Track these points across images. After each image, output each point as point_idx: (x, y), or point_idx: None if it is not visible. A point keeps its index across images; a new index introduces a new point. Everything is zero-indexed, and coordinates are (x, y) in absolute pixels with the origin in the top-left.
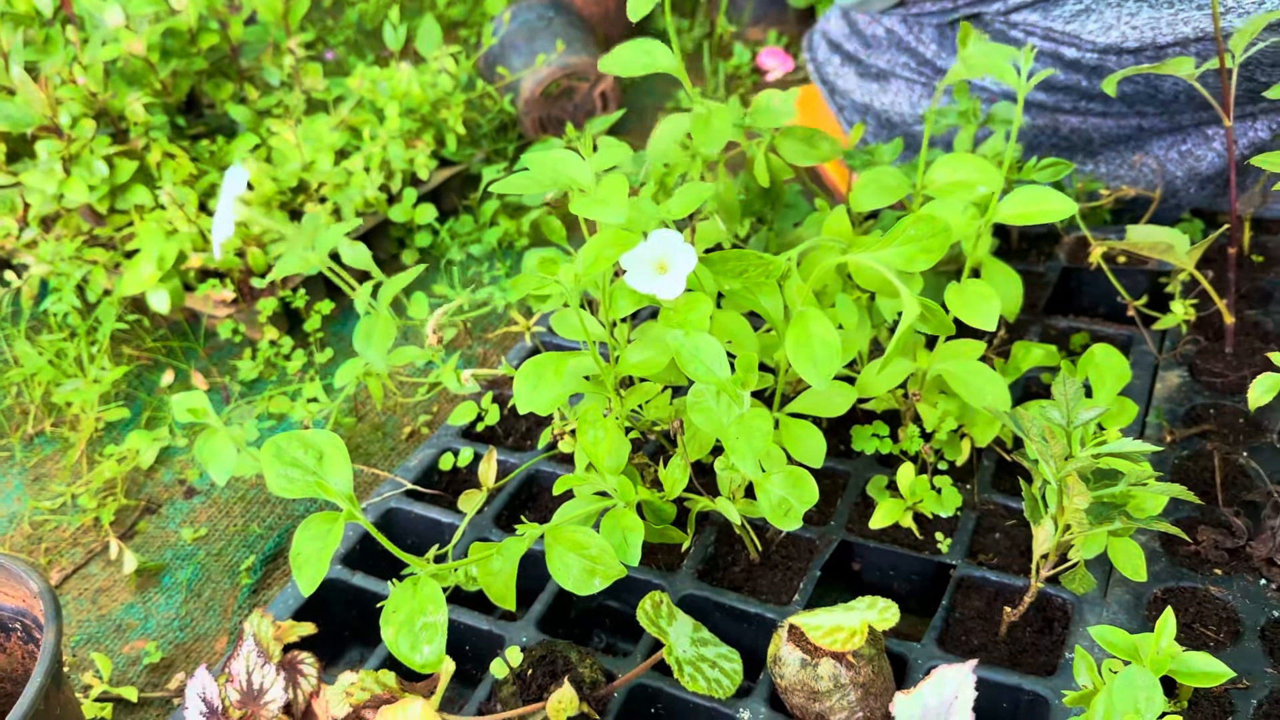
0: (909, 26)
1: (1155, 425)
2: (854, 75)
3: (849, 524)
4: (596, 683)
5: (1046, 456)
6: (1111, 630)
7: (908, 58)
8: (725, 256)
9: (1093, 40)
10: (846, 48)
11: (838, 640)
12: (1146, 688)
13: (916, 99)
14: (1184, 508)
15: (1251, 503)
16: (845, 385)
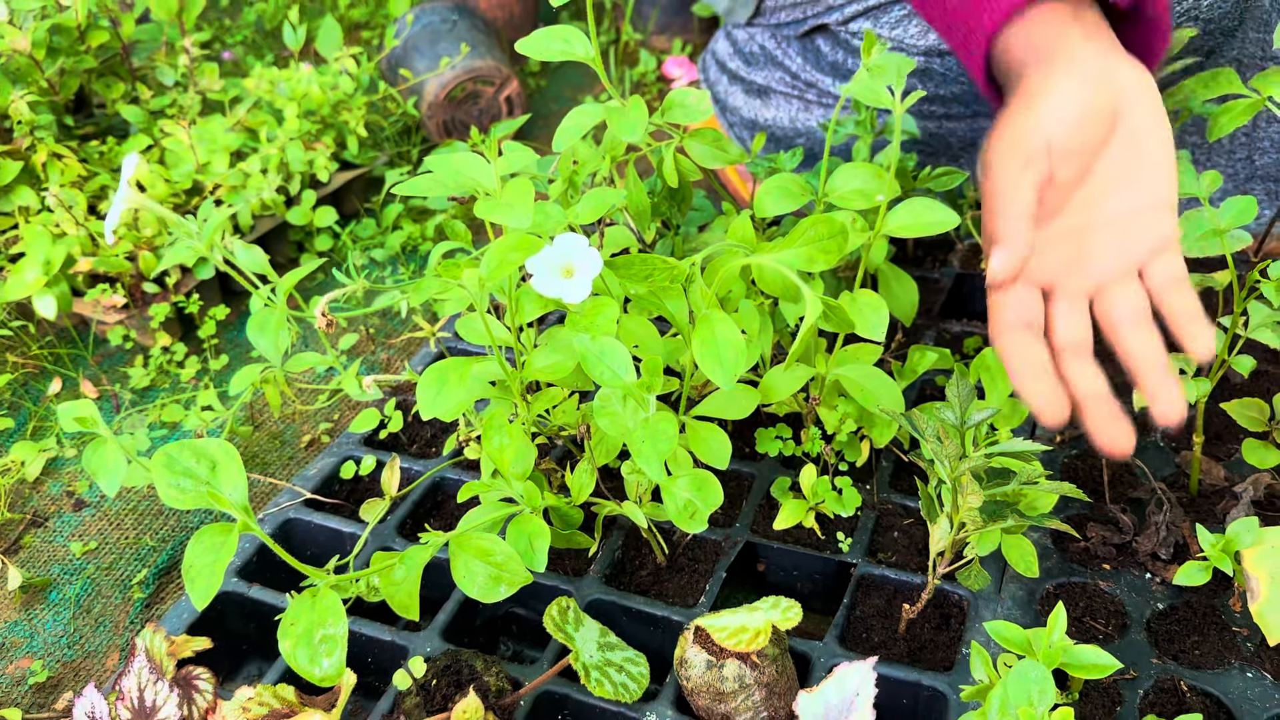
0: (777, 42)
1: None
2: (740, 93)
3: (754, 525)
4: (502, 691)
5: (941, 456)
6: (1006, 625)
7: (781, 73)
8: (631, 261)
9: (914, 44)
10: (730, 66)
11: (742, 641)
12: (1039, 681)
13: (795, 113)
14: (1074, 505)
15: (1137, 500)
16: (749, 388)
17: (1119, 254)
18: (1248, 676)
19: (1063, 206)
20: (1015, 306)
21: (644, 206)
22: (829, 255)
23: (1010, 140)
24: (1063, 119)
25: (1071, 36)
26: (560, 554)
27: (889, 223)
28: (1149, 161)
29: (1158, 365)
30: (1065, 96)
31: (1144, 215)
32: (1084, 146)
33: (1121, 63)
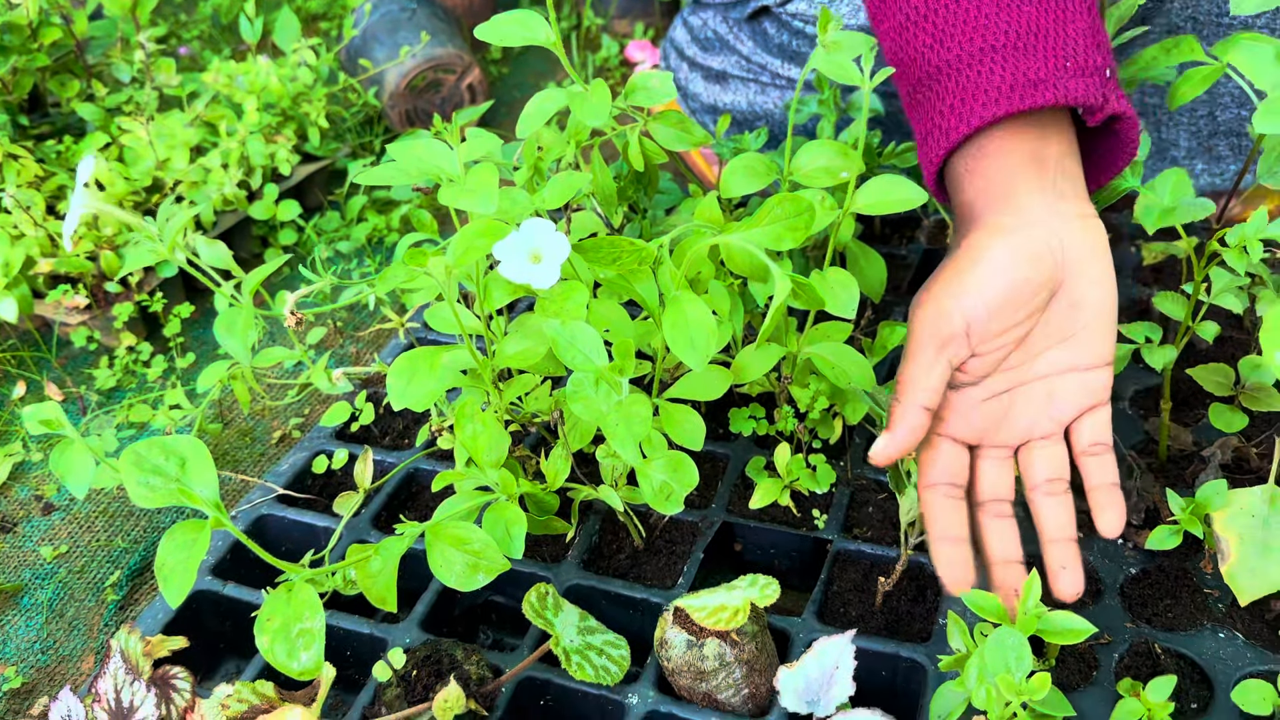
0: (728, 26)
1: None
2: (700, 79)
3: (730, 506)
4: (483, 679)
5: None
6: (981, 594)
7: (735, 57)
8: (598, 244)
9: (846, 23)
10: (688, 53)
11: (721, 619)
12: (1016, 648)
13: (752, 96)
14: None
15: None
16: (722, 369)
17: (1046, 413)
18: (1220, 637)
19: (993, 369)
20: (941, 464)
21: (610, 191)
22: (797, 233)
23: (934, 314)
24: (987, 302)
25: (1025, 184)
26: (537, 540)
27: (857, 200)
28: (1088, 323)
29: (1064, 540)
30: (995, 275)
31: (1076, 374)
32: (1011, 324)
33: (1071, 221)
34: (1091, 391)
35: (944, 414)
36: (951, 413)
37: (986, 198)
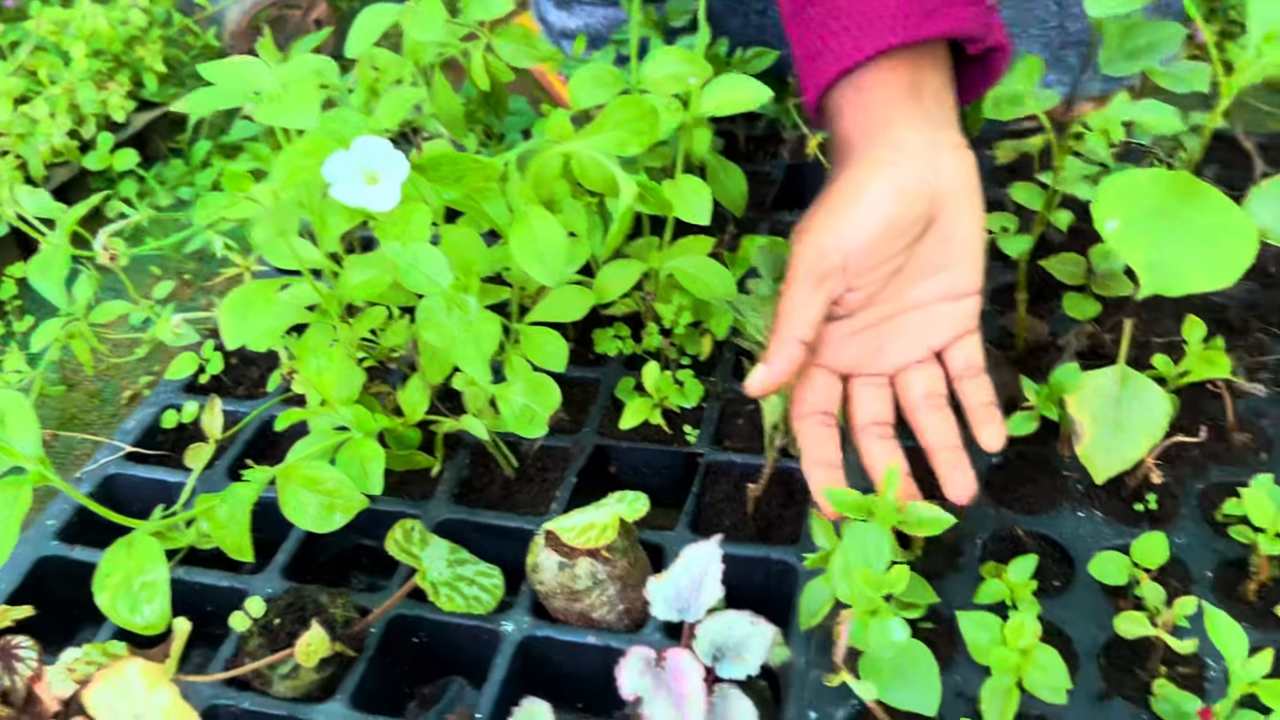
0: None
1: None
2: (552, 6)
3: (601, 429)
4: (350, 621)
5: (759, 329)
6: (843, 491)
7: None
8: (439, 160)
9: None
10: None
11: (591, 538)
12: (876, 541)
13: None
14: None
15: None
16: (583, 289)
17: (919, 341)
18: (1079, 516)
19: (868, 303)
20: (815, 393)
21: (456, 112)
22: (642, 137)
23: (813, 248)
24: (865, 237)
25: (903, 115)
26: (405, 479)
27: (703, 102)
28: (959, 254)
29: (949, 448)
30: (873, 210)
31: (947, 303)
32: (887, 257)
33: (946, 153)
34: (962, 319)
35: (819, 345)
36: (826, 344)
37: (865, 129)
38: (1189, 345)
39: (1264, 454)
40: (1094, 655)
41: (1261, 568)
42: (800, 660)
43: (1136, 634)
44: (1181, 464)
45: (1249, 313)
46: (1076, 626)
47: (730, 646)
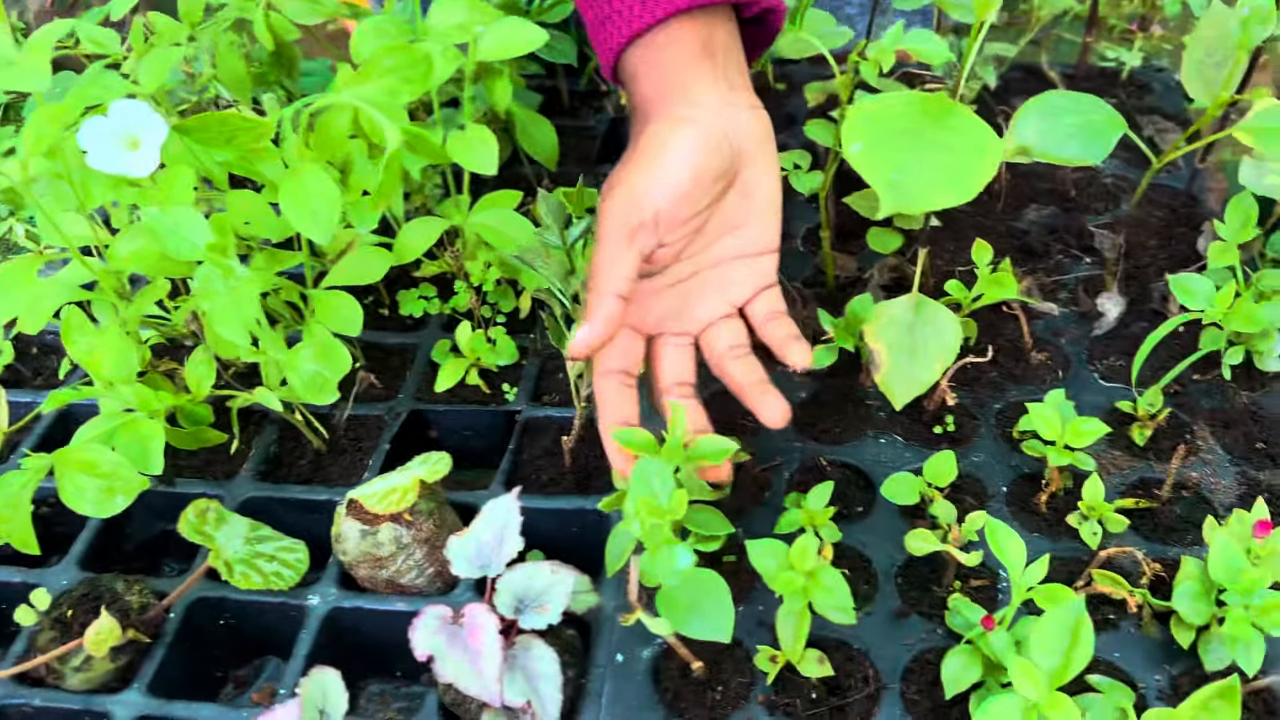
0: None
1: None
2: None
3: (418, 393)
4: (146, 607)
5: (551, 278)
6: (632, 431)
7: None
8: (207, 121)
9: None
10: None
11: (392, 502)
12: (659, 474)
13: None
14: None
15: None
16: (381, 250)
17: (721, 298)
18: (880, 442)
19: (674, 259)
20: (617, 353)
21: (240, 74)
22: (413, 85)
23: (624, 202)
24: (673, 191)
25: (698, 75)
26: (211, 459)
27: (481, 47)
28: (757, 211)
29: (758, 382)
30: (680, 163)
31: (748, 260)
32: (694, 212)
33: (743, 112)
34: (762, 275)
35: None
36: (631, 303)
37: (662, 90)
38: (979, 269)
39: (1061, 371)
40: (892, 575)
41: (1052, 479)
42: (610, 606)
43: (925, 551)
44: (981, 386)
45: (1049, 236)
46: (876, 549)
47: (532, 597)
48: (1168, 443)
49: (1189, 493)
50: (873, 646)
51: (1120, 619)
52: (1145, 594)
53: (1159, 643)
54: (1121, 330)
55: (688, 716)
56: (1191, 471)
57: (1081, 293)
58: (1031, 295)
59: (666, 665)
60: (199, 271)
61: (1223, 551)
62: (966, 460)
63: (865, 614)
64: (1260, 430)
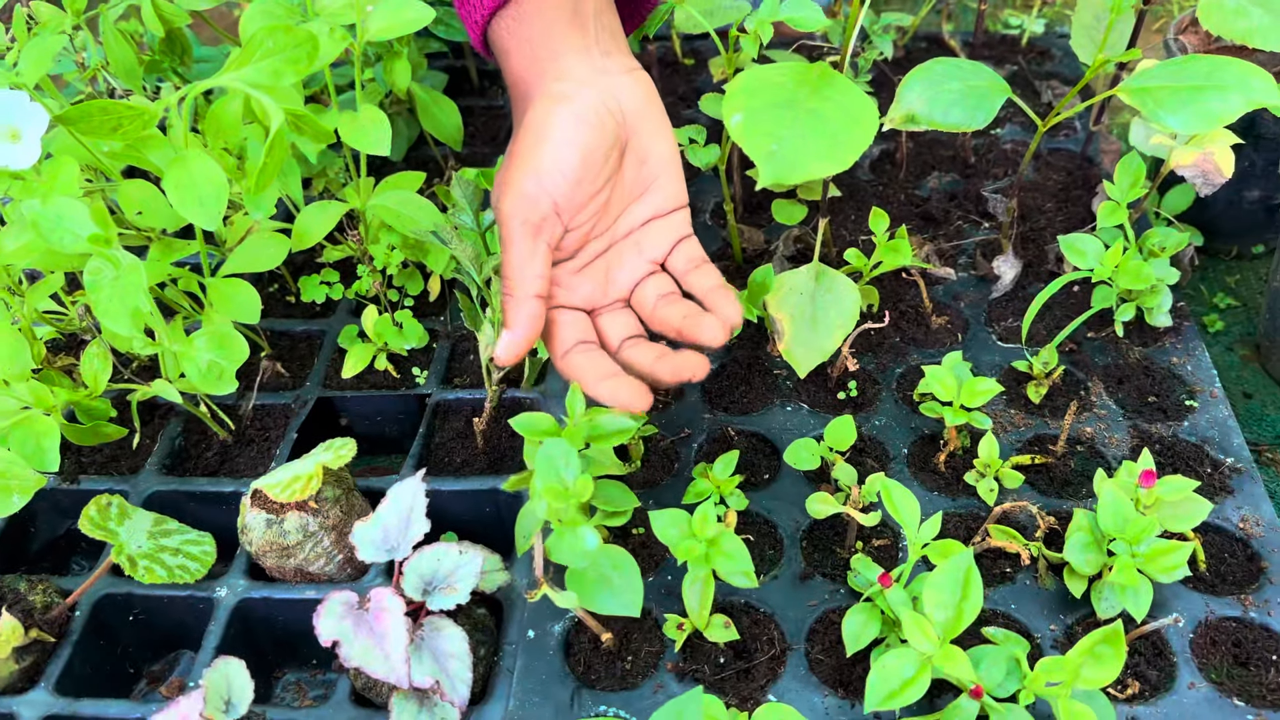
0: None
1: None
2: None
3: (326, 380)
4: (50, 606)
5: (466, 260)
6: (530, 416)
7: None
8: (89, 110)
9: None
10: None
11: (296, 490)
12: (563, 455)
13: None
14: None
15: None
16: (279, 236)
17: (639, 260)
18: (787, 411)
19: (586, 239)
20: (567, 331)
21: (130, 63)
22: (298, 66)
23: (519, 200)
24: (565, 178)
25: (569, 45)
26: (115, 455)
27: (370, 28)
28: (658, 173)
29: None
30: (567, 146)
31: (659, 221)
32: (594, 191)
33: (621, 78)
34: (675, 230)
35: (551, 291)
36: (557, 288)
37: (534, 65)
38: (876, 236)
39: (960, 334)
40: (797, 539)
41: (950, 439)
42: (522, 584)
43: (826, 513)
44: (883, 352)
45: (949, 203)
46: (781, 514)
47: (440, 578)
48: (1063, 400)
49: (1083, 448)
50: (778, 609)
51: (1017, 573)
52: (1040, 547)
53: (1054, 594)
54: (1018, 292)
55: (599, 687)
56: (1086, 427)
57: (980, 257)
58: (931, 261)
59: (578, 638)
60: (88, 264)
61: (1111, 502)
62: (869, 424)
63: (771, 578)
64: (1152, 384)
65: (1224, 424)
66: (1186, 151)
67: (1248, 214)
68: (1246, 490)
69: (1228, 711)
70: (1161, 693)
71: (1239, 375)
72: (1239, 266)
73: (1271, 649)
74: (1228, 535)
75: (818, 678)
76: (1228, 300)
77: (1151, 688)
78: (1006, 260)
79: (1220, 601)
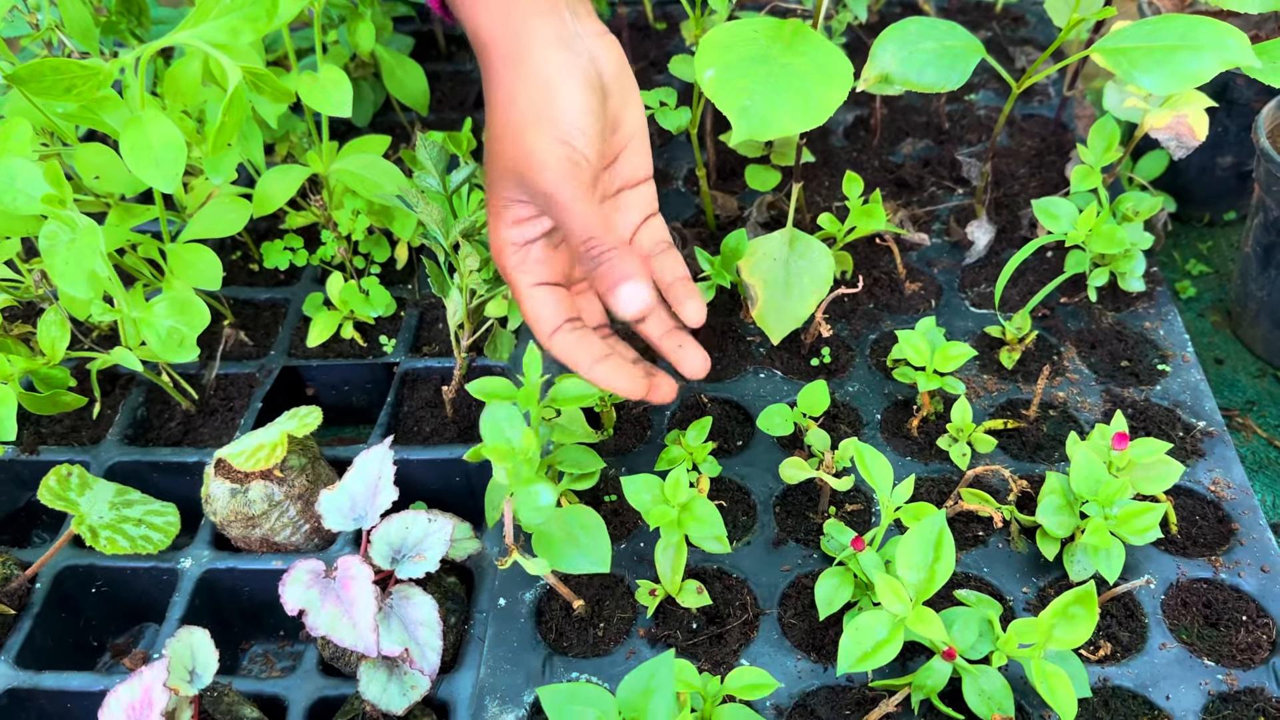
0: None
1: None
2: None
3: (292, 349)
4: (9, 578)
5: (432, 223)
6: (487, 381)
7: None
8: (41, 69)
9: None
10: None
11: (260, 459)
12: (508, 417)
13: None
14: None
15: None
16: (240, 200)
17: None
18: (760, 378)
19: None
20: (551, 310)
21: (85, 23)
22: (256, 24)
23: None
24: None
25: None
26: (76, 424)
27: None
28: (628, 142)
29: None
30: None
31: (628, 191)
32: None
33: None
34: (644, 203)
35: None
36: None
37: (504, 25)
38: (849, 201)
39: (933, 300)
40: (770, 505)
41: (923, 404)
42: (493, 552)
43: (798, 478)
44: (857, 318)
45: (924, 169)
46: (755, 481)
47: (409, 547)
48: (1036, 365)
49: (1056, 412)
50: (751, 575)
51: (990, 536)
52: (1012, 510)
53: (1027, 557)
54: (992, 258)
55: (571, 654)
56: (1059, 391)
57: (954, 223)
58: (905, 227)
59: (550, 606)
60: (44, 228)
61: (1084, 465)
62: (842, 390)
63: (744, 544)
64: (1125, 349)
65: (1196, 388)
66: (1160, 114)
67: (1220, 180)
68: (1218, 453)
69: (1198, 671)
70: (1133, 653)
71: (1211, 341)
72: (1211, 233)
73: (1241, 610)
74: (1199, 498)
75: (790, 642)
76: (1200, 267)
77: (1123, 649)
78: (980, 225)
79: (1191, 563)
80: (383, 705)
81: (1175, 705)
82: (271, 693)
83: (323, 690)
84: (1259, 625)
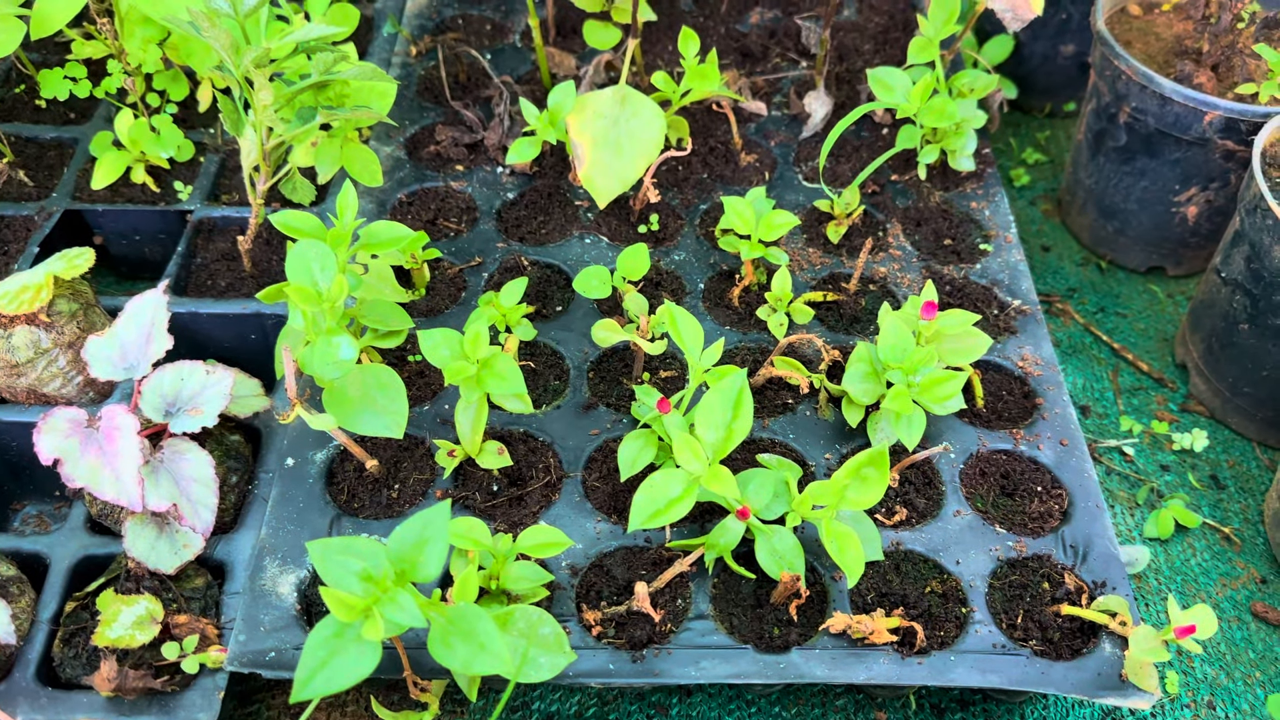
0: None
1: (403, 41)
2: None
3: (77, 192)
4: None
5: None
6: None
7: None
8: None
9: None
10: None
11: (24, 302)
12: (319, 256)
13: None
14: (428, 115)
15: (488, 98)
16: (13, 19)
17: None
18: (585, 242)
19: None
20: None
21: None
22: None
23: None
24: None
25: None
26: None
27: None
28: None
29: None
30: None
31: None
32: None
33: None
34: None
35: None
36: None
37: None
38: (685, 61)
39: (767, 173)
40: (584, 370)
41: (746, 273)
42: (282, 410)
43: (611, 341)
44: (689, 187)
45: (769, 39)
46: (571, 345)
47: (184, 399)
48: (861, 240)
49: (875, 287)
50: (558, 438)
51: (798, 404)
52: (823, 379)
53: (833, 425)
54: (827, 132)
55: (362, 515)
56: (880, 267)
57: (794, 95)
58: (743, 94)
59: (343, 468)
60: None
61: (892, 333)
62: (668, 259)
63: (554, 408)
64: (949, 227)
65: (1015, 268)
66: None
67: (1062, 69)
68: (1030, 331)
69: (989, 538)
70: (928, 519)
71: (1040, 229)
72: (1051, 123)
73: (1037, 481)
74: (1007, 373)
75: (592, 504)
76: (1037, 155)
77: (919, 514)
78: (818, 97)
79: (993, 435)
80: (151, 563)
81: (964, 570)
82: (32, 549)
83: (89, 548)
84: (1052, 496)
